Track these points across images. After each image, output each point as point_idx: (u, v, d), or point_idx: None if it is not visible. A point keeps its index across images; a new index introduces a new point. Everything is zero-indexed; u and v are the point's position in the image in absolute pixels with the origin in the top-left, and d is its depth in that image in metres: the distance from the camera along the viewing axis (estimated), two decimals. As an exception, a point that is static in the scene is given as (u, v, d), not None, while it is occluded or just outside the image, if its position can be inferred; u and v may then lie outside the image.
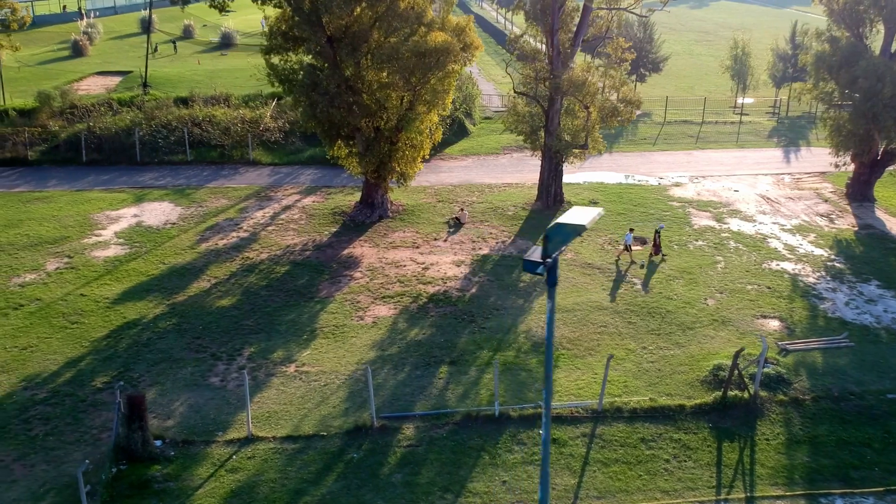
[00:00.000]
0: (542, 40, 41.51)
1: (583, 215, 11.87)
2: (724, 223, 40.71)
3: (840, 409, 25.09)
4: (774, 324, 30.46)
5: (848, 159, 44.29)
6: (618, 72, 41.46)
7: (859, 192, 44.60)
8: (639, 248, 36.69)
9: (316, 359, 27.55)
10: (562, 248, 11.80)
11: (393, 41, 36.36)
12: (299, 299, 31.90)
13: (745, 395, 25.12)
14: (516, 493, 21.22)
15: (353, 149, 39.29)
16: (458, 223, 39.88)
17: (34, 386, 25.66)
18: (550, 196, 42.27)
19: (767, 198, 45.01)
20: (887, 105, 39.51)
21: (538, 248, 11.55)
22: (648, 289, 32.99)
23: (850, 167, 44.86)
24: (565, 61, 39.99)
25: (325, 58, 37.24)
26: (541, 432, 23.35)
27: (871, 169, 44.12)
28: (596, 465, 22.37)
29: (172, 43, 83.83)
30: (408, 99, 37.77)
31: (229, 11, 40.31)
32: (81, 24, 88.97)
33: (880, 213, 43.12)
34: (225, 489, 21.22)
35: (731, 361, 26.21)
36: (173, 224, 39.52)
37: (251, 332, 29.28)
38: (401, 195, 43.29)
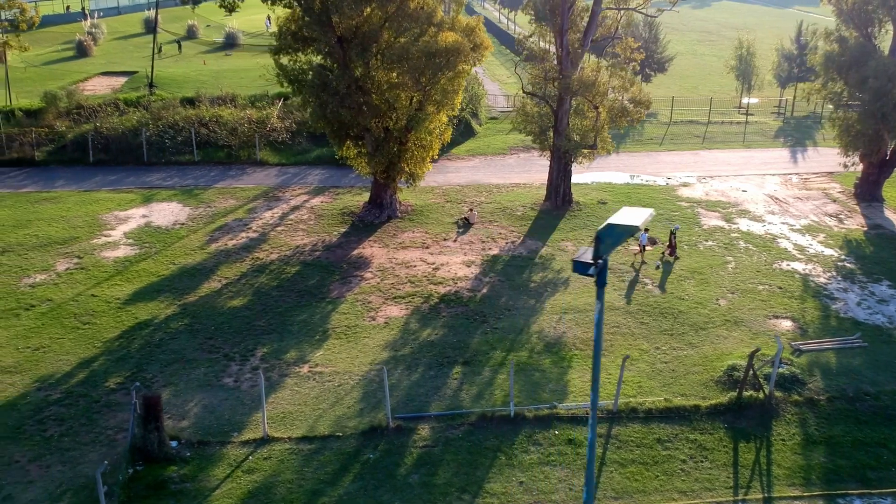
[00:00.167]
0: (551, 41, 41.47)
1: (635, 216, 11.64)
2: (734, 223, 40.67)
3: (855, 409, 25.05)
4: (787, 324, 30.42)
5: (856, 159, 44.28)
6: (626, 72, 41.46)
7: (868, 192, 44.56)
8: (650, 248, 36.63)
9: (329, 359, 27.52)
10: (614, 250, 11.60)
11: (403, 41, 36.31)
12: (310, 300, 31.86)
13: (761, 395, 25.08)
14: (534, 494, 21.18)
15: (363, 149, 39.23)
16: (467, 223, 39.83)
17: (48, 387, 25.63)
18: (559, 196, 42.23)
19: (776, 198, 44.97)
20: (897, 105, 39.55)
21: (588, 249, 11.39)
22: (664, 290, 32.92)
23: (859, 167, 44.82)
24: (575, 61, 39.98)
25: (334, 58, 37.19)
26: (556, 433, 23.45)
27: (880, 169, 44.08)
28: (613, 466, 22.33)
29: (177, 43, 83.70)
30: (417, 99, 37.74)
31: (236, 11, 40.19)
32: (85, 25, 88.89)
33: (889, 214, 43.07)
34: (242, 490, 21.19)
35: (744, 362, 26.23)
36: (182, 224, 39.48)
37: (263, 332, 29.25)
38: (409, 195, 43.25)
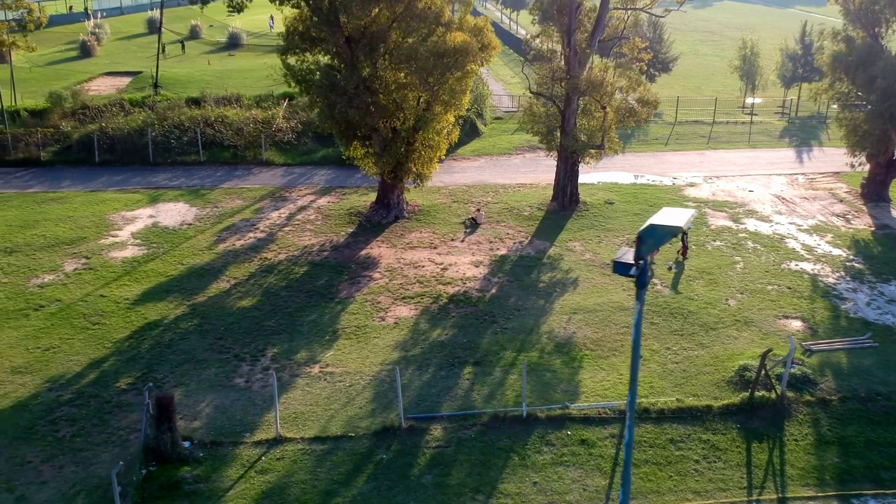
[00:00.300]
0: (558, 41, 41.48)
1: (677, 216, 11.29)
2: (741, 223, 40.64)
3: (867, 409, 25.02)
4: (797, 324, 30.39)
5: (863, 159, 44.26)
6: (633, 71, 41.44)
7: (875, 193, 44.52)
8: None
9: (340, 359, 27.50)
10: (656, 251, 11.24)
11: (411, 41, 36.29)
12: (320, 300, 31.83)
13: (773, 395, 25.06)
14: (548, 495, 21.15)
15: (370, 149, 39.20)
16: (474, 223, 39.81)
17: (59, 387, 25.60)
18: (566, 196, 42.21)
19: (782, 198, 44.94)
20: (904, 105, 39.54)
21: (629, 250, 11.22)
22: (677, 290, 32.86)
23: (866, 167, 44.82)
24: (582, 61, 39.98)
25: (342, 58, 37.16)
26: (568, 433, 23.40)
27: (888, 169, 44.04)
28: (626, 466, 22.28)
29: (180, 43, 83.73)
30: (425, 99, 37.71)
31: (244, 10, 40.17)
32: (89, 25, 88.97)
33: (896, 214, 43.11)
34: (255, 490, 21.16)
35: (755, 362, 26.21)
36: (189, 224, 39.46)
37: (273, 332, 29.22)
38: (416, 196, 43.21)
